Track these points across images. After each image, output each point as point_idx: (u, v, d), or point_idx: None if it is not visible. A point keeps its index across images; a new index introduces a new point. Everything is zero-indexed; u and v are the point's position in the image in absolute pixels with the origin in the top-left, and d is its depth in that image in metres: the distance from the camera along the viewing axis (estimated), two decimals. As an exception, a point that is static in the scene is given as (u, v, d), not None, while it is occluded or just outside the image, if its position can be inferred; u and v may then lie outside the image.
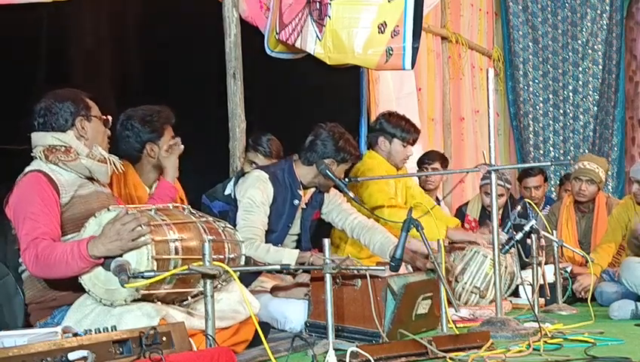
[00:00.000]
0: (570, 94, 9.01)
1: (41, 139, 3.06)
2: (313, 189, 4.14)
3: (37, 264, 2.84)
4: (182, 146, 3.63)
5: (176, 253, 2.83)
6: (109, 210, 2.86)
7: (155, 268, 2.73)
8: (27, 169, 3.03)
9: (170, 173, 3.57)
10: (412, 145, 4.83)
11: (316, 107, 5.34)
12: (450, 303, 3.42)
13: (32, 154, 3.06)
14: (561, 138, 9.01)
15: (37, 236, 2.85)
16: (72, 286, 2.90)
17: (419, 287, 3.58)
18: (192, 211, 3.11)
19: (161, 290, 2.82)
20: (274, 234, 3.94)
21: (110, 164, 3.11)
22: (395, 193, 4.76)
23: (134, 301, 2.78)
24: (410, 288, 3.46)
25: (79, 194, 3.02)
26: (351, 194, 4.07)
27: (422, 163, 5.87)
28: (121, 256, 2.74)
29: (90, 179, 3.09)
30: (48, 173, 2.97)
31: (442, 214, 5.06)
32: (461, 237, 4.69)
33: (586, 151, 8.66)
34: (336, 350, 2.77)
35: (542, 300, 4.56)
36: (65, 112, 3.07)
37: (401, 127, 4.74)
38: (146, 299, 2.80)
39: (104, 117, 3.21)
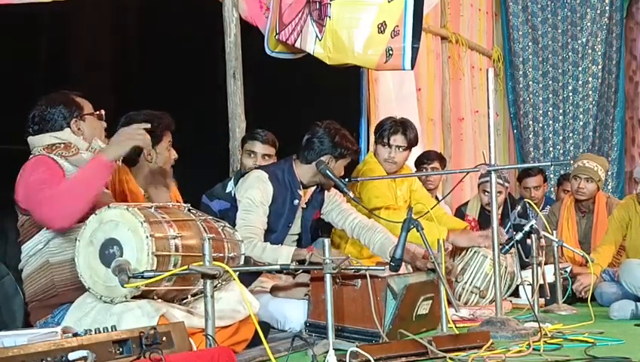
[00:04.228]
0: (570, 94, 9.01)
1: (38, 141, 3.10)
2: (313, 188, 4.14)
3: (53, 201, 2.84)
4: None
5: (176, 249, 2.83)
6: (109, 207, 2.86)
7: (155, 264, 2.73)
8: (30, 157, 3.06)
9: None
10: (395, 145, 4.71)
11: (316, 107, 5.35)
12: (450, 303, 3.42)
13: (31, 156, 3.07)
14: (561, 138, 9.01)
15: (49, 191, 2.87)
16: (73, 284, 2.91)
17: (420, 288, 3.58)
18: (192, 210, 3.12)
19: (162, 287, 2.83)
20: (274, 234, 3.94)
21: None
22: (394, 197, 4.75)
23: (134, 297, 2.79)
24: (411, 289, 3.45)
25: None
26: (350, 194, 4.08)
27: (420, 163, 5.86)
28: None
29: None
30: (54, 158, 3.01)
31: (447, 217, 5.05)
32: (466, 243, 4.67)
33: (586, 151, 8.65)
34: (336, 350, 2.77)
35: (542, 300, 4.55)
36: (58, 117, 3.11)
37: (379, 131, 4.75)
38: (145, 295, 2.81)
39: (97, 112, 3.24)
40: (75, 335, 2.35)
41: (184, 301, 2.98)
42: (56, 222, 2.89)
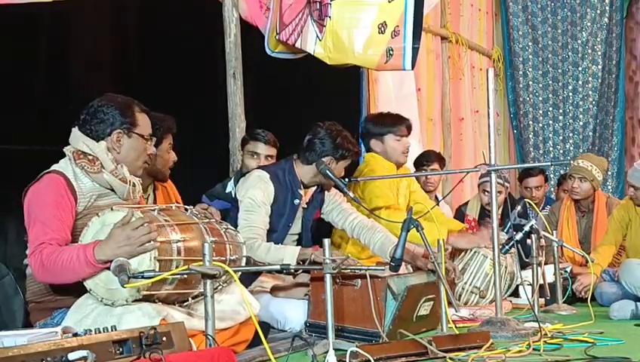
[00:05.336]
0: (570, 94, 9.02)
1: (75, 139, 3.03)
2: (314, 188, 4.14)
3: (43, 270, 2.82)
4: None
5: (179, 253, 2.82)
6: (112, 209, 2.85)
7: (158, 270, 2.72)
8: (53, 167, 3.00)
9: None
10: (407, 135, 4.75)
11: (316, 107, 5.35)
12: (450, 303, 3.42)
13: (64, 149, 3.03)
14: (561, 138, 9.02)
15: (44, 241, 2.82)
16: (74, 291, 2.89)
17: (421, 289, 3.57)
18: (195, 212, 3.11)
19: (163, 291, 2.82)
20: (274, 234, 3.94)
21: (130, 185, 3.04)
22: (395, 197, 4.74)
23: (135, 301, 2.78)
24: (412, 290, 3.45)
25: (97, 204, 2.98)
26: (351, 194, 4.08)
27: (420, 164, 5.85)
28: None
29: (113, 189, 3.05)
30: (70, 179, 2.93)
31: (445, 219, 5.05)
32: (465, 245, 4.66)
33: (586, 151, 8.66)
34: (336, 350, 2.77)
35: (542, 300, 4.55)
36: (107, 120, 3.02)
37: (386, 123, 4.70)
38: (147, 299, 2.80)
39: (148, 136, 3.15)
40: (75, 335, 2.35)
41: (184, 303, 2.98)
42: (35, 275, 2.90)
